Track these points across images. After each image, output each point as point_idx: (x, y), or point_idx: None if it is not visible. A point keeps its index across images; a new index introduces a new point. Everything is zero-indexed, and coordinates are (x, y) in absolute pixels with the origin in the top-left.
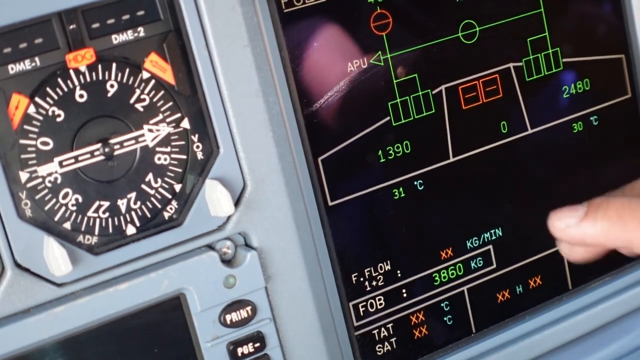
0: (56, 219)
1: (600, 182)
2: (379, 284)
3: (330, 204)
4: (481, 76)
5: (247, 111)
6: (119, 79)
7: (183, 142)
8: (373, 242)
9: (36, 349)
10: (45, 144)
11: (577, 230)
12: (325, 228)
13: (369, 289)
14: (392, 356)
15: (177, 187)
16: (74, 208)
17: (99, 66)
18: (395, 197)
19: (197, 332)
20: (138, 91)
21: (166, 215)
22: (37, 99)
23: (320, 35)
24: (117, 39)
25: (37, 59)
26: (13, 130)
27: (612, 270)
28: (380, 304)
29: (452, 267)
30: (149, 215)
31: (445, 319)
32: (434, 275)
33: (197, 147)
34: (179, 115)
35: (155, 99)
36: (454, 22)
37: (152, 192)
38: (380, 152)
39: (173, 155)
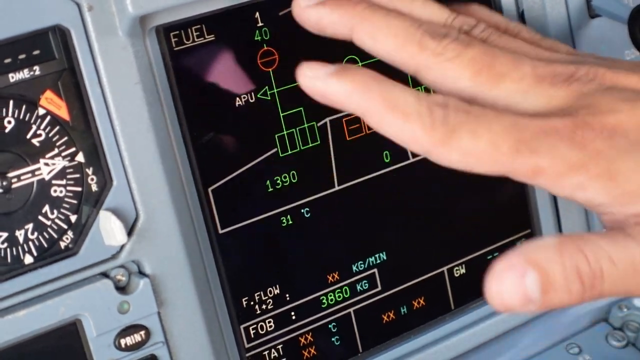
0: None
1: (480, 208)
2: (269, 307)
3: (220, 231)
4: None
5: (139, 145)
6: (15, 115)
7: (78, 175)
8: (262, 267)
9: None
10: None
11: (322, 83)
12: (216, 255)
13: (259, 312)
14: None
15: (73, 218)
16: None
17: None
18: (283, 225)
19: (93, 356)
20: (34, 127)
21: (62, 244)
22: None
23: (210, 72)
24: (14, 77)
25: None
26: None
27: None
28: (270, 326)
29: (339, 290)
30: (45, 245)
31: (333, 339)
32: (321, 298)
33: (92, 179)
34: (73, 149)
35: (50, 134)
36: (338, 57)
37: (48, 223)
38: (268, 181)
39: (69, 188)
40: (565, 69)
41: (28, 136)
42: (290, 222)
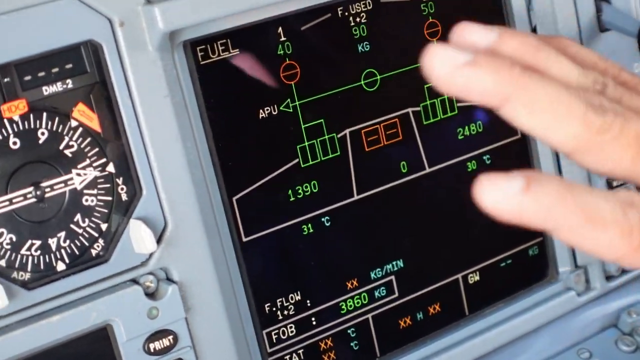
0: None
1: (493, 217)
2: (290, 313)
3: (244, 239)
4: (382, 121)
5: (168, 156)
6: (49, 127)
7: (109, 185)
8: (284, 274)
9: None
10: None
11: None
12: (240, 262)
13: (280, 317)
14: None
15: (104, 227)
16: (9, 247)
17: (31, 116)
18: (304, 233)
19: None
20: (67, 138)
21: (94, 252)
22: None
23: (234, 85)
24: (48, 90)
25: None
26: None
27: (505, 297)
28: (292, 332)
29: (358, 297)
30: (77, 253)
31: (351, 344)
32: (340, 304)
33: (122, 189)
34: (104, 160)
35: (82, 145)
36: (357, 71)
37: (80, 231)
38: (290, 191)
39: (99, 197)
40: None
41: (61, 147)
42: (311, 230)
